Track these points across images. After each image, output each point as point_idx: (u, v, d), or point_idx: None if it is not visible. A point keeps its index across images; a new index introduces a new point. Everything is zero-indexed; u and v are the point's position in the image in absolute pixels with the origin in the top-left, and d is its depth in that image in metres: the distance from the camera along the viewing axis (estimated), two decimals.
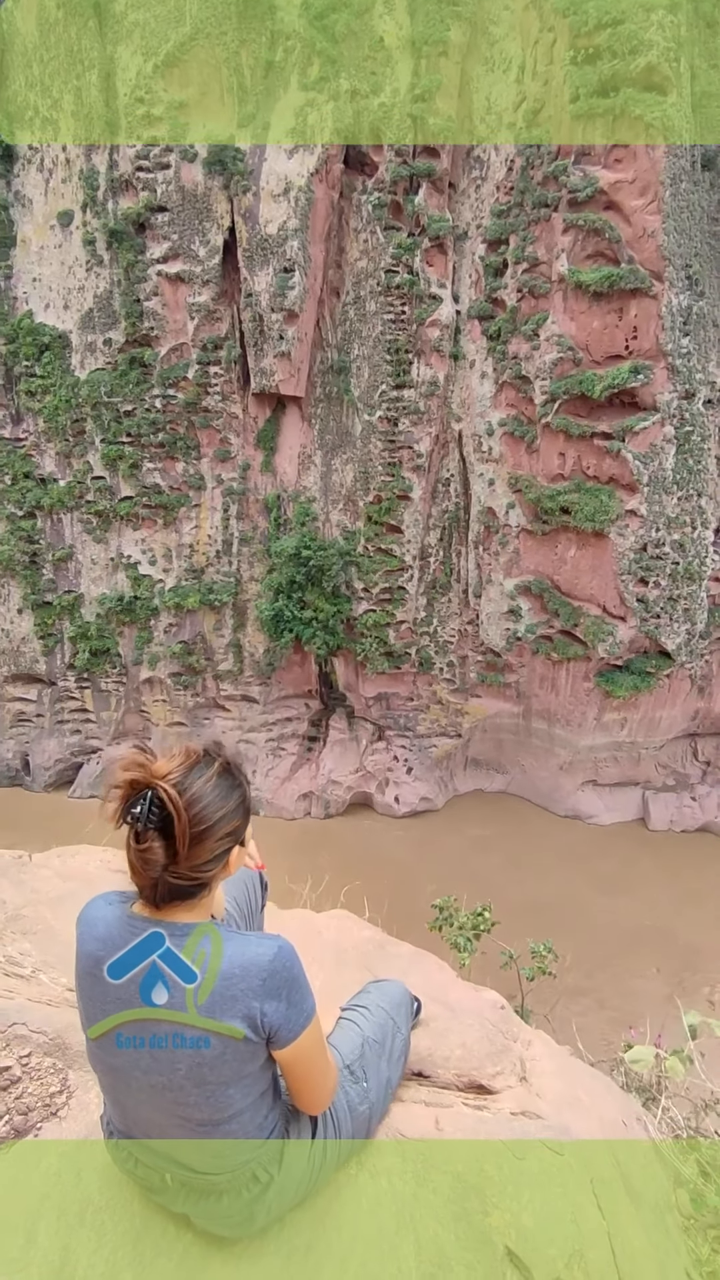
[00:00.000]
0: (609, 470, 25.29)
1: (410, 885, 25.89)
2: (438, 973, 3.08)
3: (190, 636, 30.77)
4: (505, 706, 30.66)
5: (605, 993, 21.65)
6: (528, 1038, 2.74)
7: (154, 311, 27.64)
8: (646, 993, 21.67)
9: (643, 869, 27.04)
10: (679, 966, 23.06)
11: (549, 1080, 2.46)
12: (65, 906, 2.94)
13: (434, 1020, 2.75)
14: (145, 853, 1.74)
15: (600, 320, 24.36)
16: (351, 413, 28.10)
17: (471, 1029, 2.66)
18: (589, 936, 23.86)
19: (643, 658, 27.06)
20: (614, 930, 24.41)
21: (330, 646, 29.36)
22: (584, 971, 22.27)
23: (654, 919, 24.91)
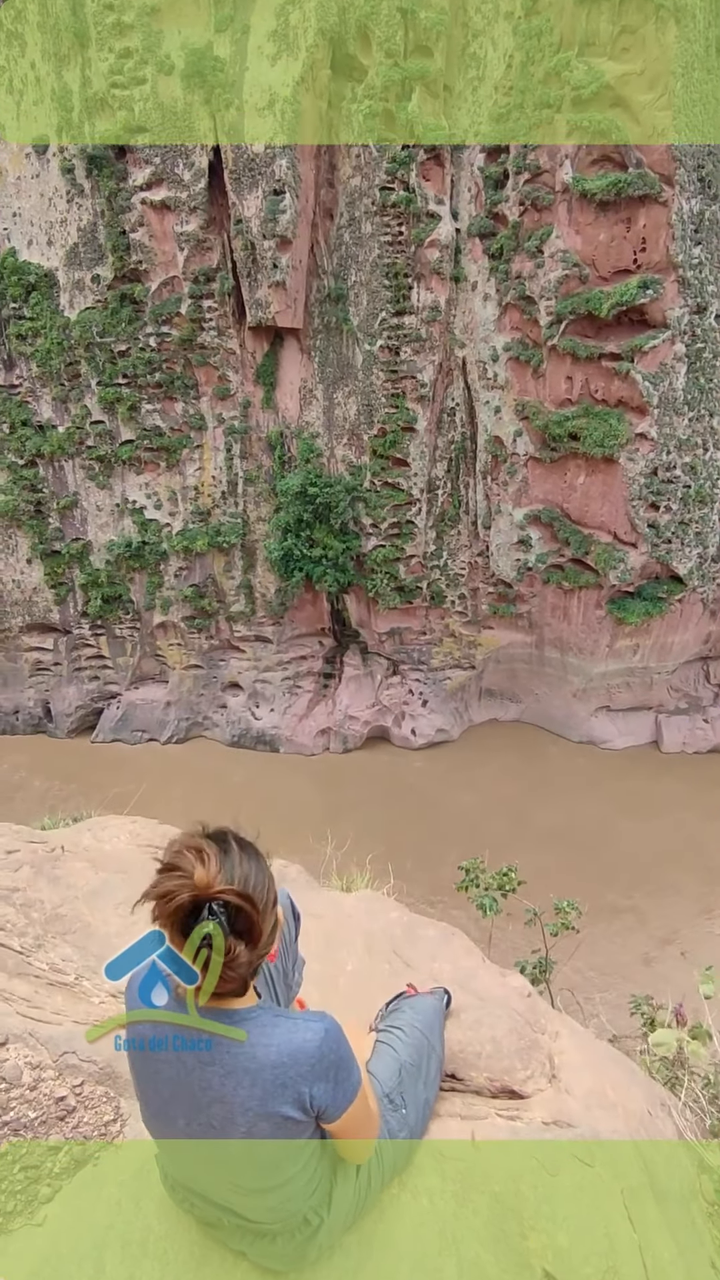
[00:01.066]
0: (618, 393, 24.57)
1: (431, 816, 26.89)
2: (465, 957, 3.14)
3: (201, 579, 30.87)
4: (518, 637, 30.81)
5: (644, 909, 22.66)
6: (555, 1028, 2.85)
7: (141, 244, 26.56)
8: (680, 907, 22.68)
9: (661, 790, 27.68)
10: (710, 879, 23.98)
11: (577, 1075, 2.60)
12: (101, 900, 3.13)
13: (464, 1011, 2.83)
14: (234, 961, 1.72)
15: (607, 232, 23.20)
16: (351, 343, 27.24)
17: (501, 1021, 2.75)
18: (616, 857, 24.77)
19: (654, 583, 26.94)
20: (643, 850, 25.20)
21: (341, 584, 29.38)
22: (620, 891, 23.25)
23: (679, 838, 25.67)
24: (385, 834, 25.18)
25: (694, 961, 19.90)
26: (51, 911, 2.98)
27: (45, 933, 2.96)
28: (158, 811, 20.03)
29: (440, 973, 3.00)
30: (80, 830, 4.20)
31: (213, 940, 1.70)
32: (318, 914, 3.29)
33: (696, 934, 21.50)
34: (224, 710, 32.57)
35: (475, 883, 4.98)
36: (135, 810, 19.50)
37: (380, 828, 25.66)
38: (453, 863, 22.99)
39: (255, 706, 32.22)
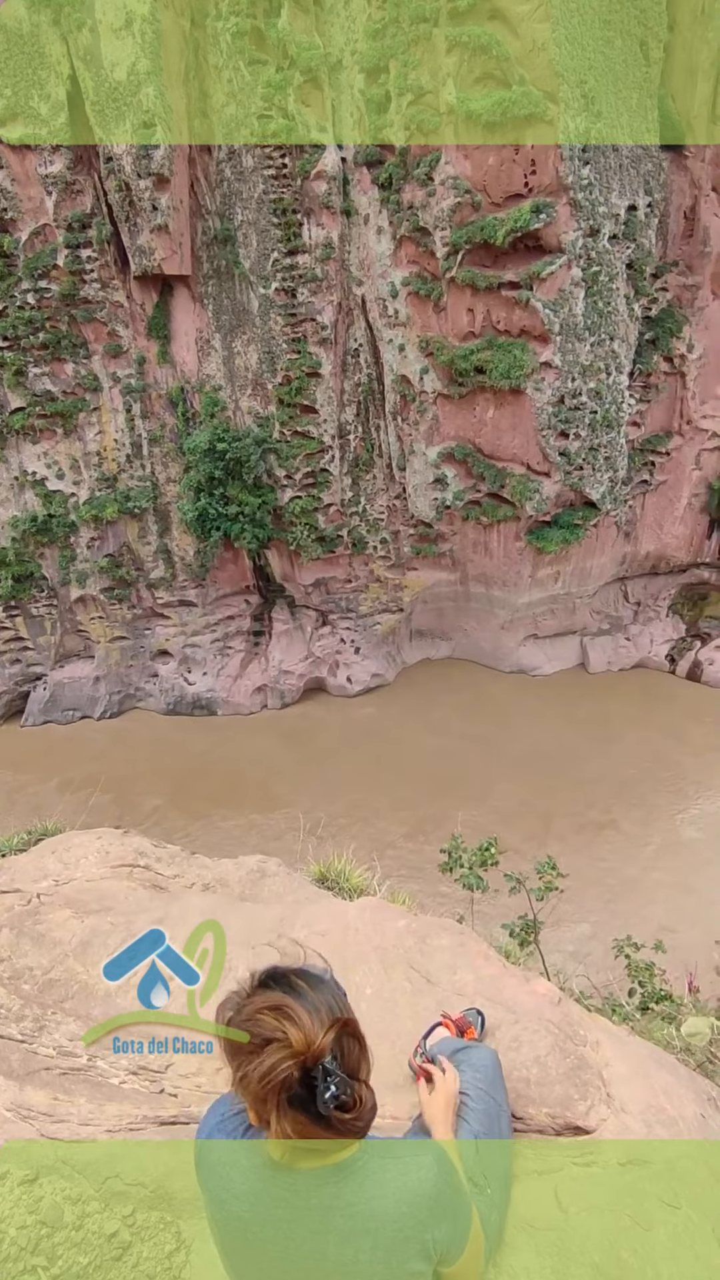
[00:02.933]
0: (520, 322, 24.51)
1: (392, 763, 27.42)
2: (485, 965, 3.03)
3: (115, 548, 29.73)
4: (442, 576, 31.15)
5: (623, 823, 23.92)
6: (594, 1036, 2.78)
7: (3, 188, 24.39)
8: (659, 811, 24.30)
9: (610, 710, 29.06)
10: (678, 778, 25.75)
11: (629, 1089, 2.54)
12: (93, 953, 2.95)
13: (499, 1029, 2.73)
14: (362, 1107, 1.56)
15: (496, 155, 22.71)
16: (245, 287, 26.08)
17: (540, 1037, 2.68)
18: (588, 778, 25.97)
19: (569, 511, 27.56)
20: (611, 769, 26.51)
21: (260, 539, 28.85)
22: (601, 808, 24.38)
23: (646, 753, 27.13)
24: (351, 790, 25.68)
25: (673, 881, 21.39)
26: (44, 979, 2.81)
27: (43, 1009, 2.76)
28: (125, 790, 19.77)
29: (464, 985, 2.91)
30: (43, 854, 4.03)
31: (340, 1102, 1.50)
32: (321, 931, 3.15)
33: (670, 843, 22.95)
34: (156, 679, 31.94)
35: (459, 863, 5.08)
36: (104, 792, 19.17)
37: (344, 784, 26.09)
38: (424, 811, 23.51)
39: (188, 672, 31.73)
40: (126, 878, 3.63)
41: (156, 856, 4.20)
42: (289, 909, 3.23)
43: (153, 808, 25.84)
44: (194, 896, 3.32)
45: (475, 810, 24.14)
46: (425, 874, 5.32)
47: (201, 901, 3.18)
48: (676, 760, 26.53)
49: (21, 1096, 2.30)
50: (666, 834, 23.56)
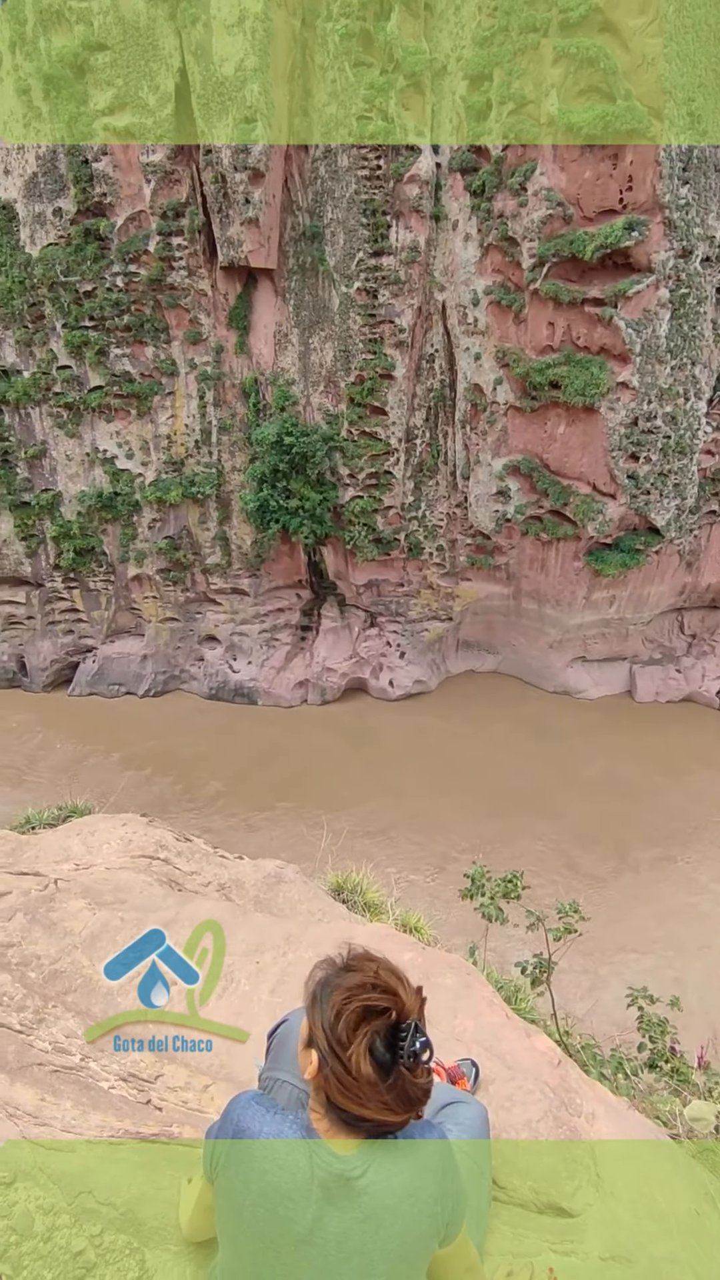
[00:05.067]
0: (600, 340, 24.08)
1: (401, 767, 27.32)
2: (488, 1012, 2.95)
3: (175, 531, 30.30)
4: (495, 588, 30.84)
5: (680, 866, 23.09)
6: (591, 1109, 2.68)
7: (105, 174, 25.08)
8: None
9: (652, 738, 28.30)
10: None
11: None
12: (101, 946, 2.99)
13: (493, 1084, 2.66)
14: (425, 1083, 1.63)
15: (593, 169, 22.32)
16: (328, 285, 26.25)
17: (535, 1100, 2.60)
18: (650, 810, 25.12)
19: (632, 535, 26.98)
20: (675, 800, 25.67)
21: (318, 535, 29.04)
22: (664, 845, 23.60)
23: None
24: (414, 798, 25.56)
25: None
26: (49, 969, 2.85)
27: (45, 1001, 2.78)
28: (186, 772, 19.98)
29: (463, 1031, 2.84)
30: (69, 834, 4.13)
31: (419, 1059, 1.59)
32: (325, 949, 2.97)
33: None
34: (201, 663, 32.44)
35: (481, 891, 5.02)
36: (154, 771, 19.52)
37: (409, 790, 26.03)
38: (490, 828, 22.91)
39: (233, 659, 32.14)
40: (145, 870, 3.70)
41: (177, 850, 4.26)
42: (298, 926, 3.22)
43: (215, 792, 26.27)
44: (206, 901, 3.35)
45: (545, 830, 23.89)
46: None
47: (213, 908, 3.20)
48: (701, 800, 25.65)
49: (10, 1092, 2.30)
50: (675, 882, 22.69)
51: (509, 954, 4.96)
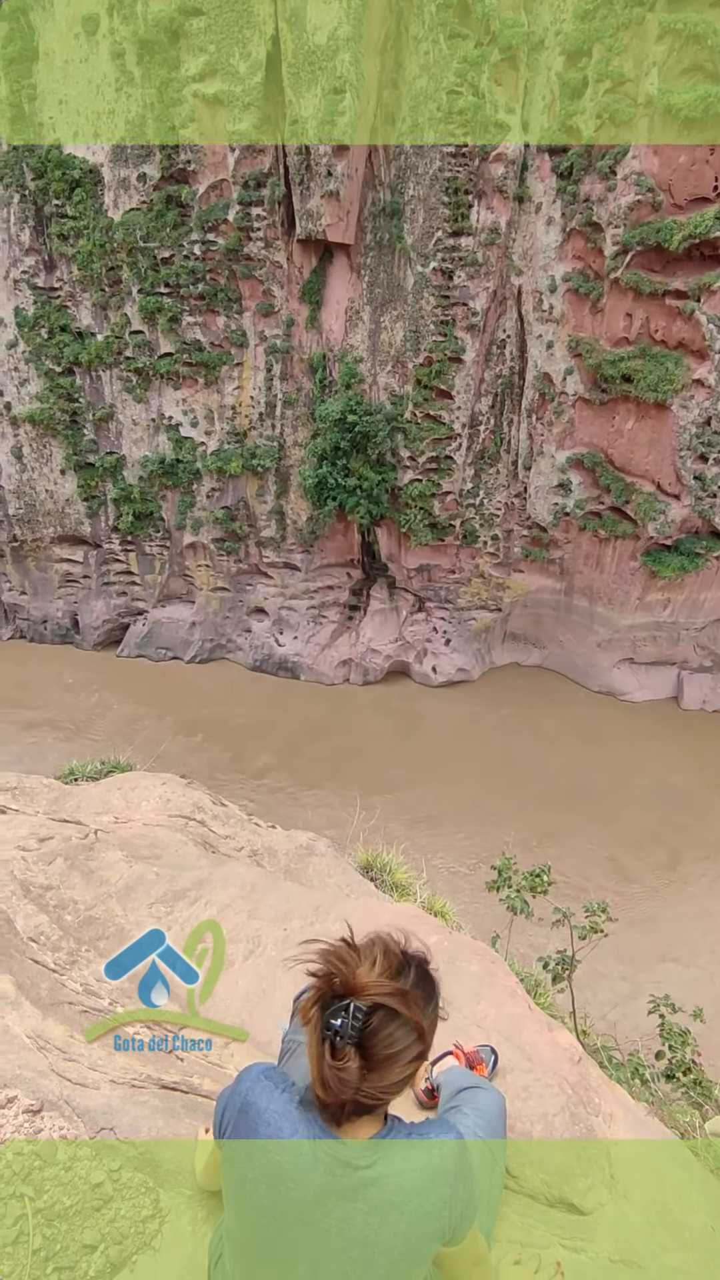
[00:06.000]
0: (679, 334, 23.29)
1: (450, 756, 27.24)
2: (510, 1002, 2.94)
3: (233, 502, 30.58)
4: (547, 583, 30.38)
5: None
6: (610, 1110, 2.66)
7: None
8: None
9: (685, 747, 27.67)
10: None
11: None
12: (135, 898, 3.08)
13: (511, 1073, 2.65)
14: (341, 1071, 1.56)
15: (688, 154, 21.46)
16: (403, 263, 25.90)
17: (552, 1094, 2.58)
18: (704, 820, 24.77)
19: (693, 538, 26.22)
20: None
21: (374, 516, 28.97)
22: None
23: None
24: (467, 787, 25.50)
25: None
26: (85, 914, 2.93)
27: (79, 944, 2.86)
28: (235, 742, 20.28)
29: (484, 1018, 2.84)
30: (110, 789, 4.25)
31: (335, 1035, 1.55)
32: (354, 922, 3.01)
33: None
34: (248, 634, 32.83)
35: (507, 883, 5.00)
36: (205, 738, 19.87)
37: (461, 779, 26.01)
38: (545, 822, 22.54)
39: (279, 633, 32.43)
40: (181, 829, 3.79)
41: (213, 814, 4.35)
42: (328, 898, 3.26)
43: (265, 765, 26.70)
44: (239, 865, 3.42)
45: (596, 832, 23.71)
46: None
47: (245, 872, 3.28)
48: None
49: (43, 1026, 2.37)
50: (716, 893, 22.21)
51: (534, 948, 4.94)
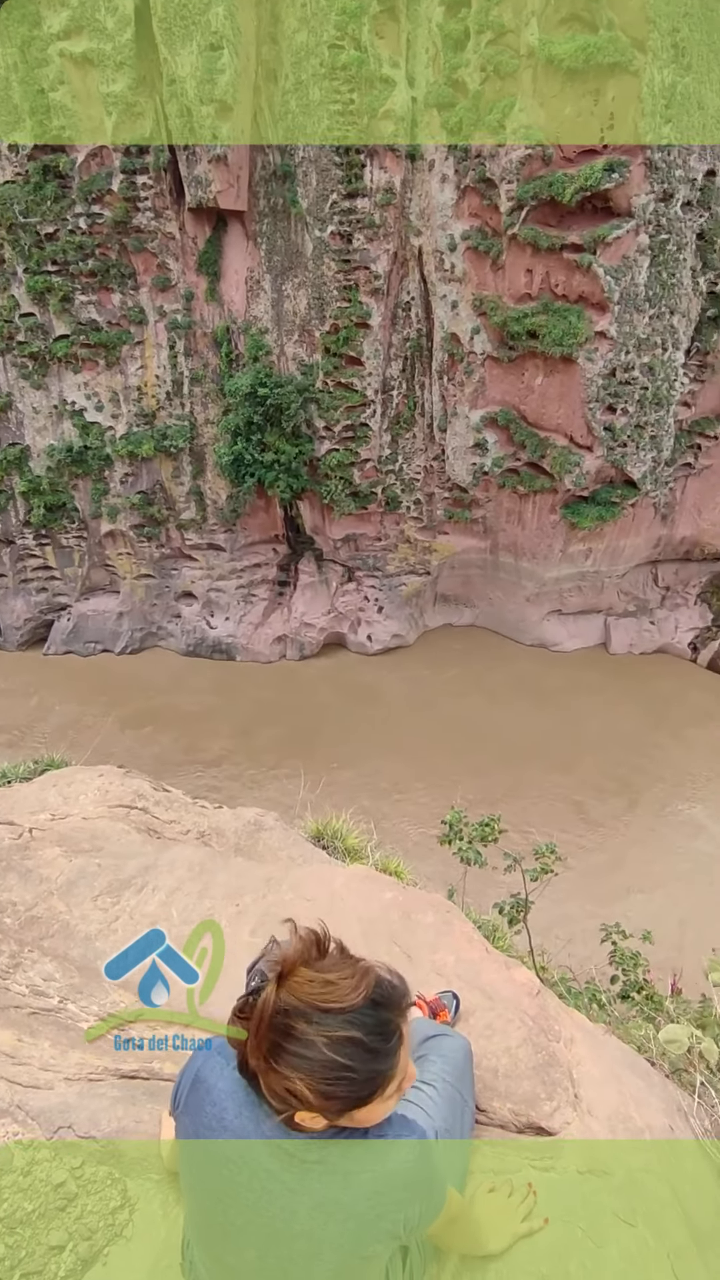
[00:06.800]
0: (579, 288, 23.64)
1: (403, 723, 27.51)
2: (467, 947, 3.01)
3: (149, 486, 29.70)
4: (473, 542, 30.78)
5: (659, 812, 24.03)
6: (570, 1034, 2.76)
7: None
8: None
9: (624, 693, 28.79)
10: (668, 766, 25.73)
11: (599, 1092, 2.52)
12: (78, 893, 2.99)
13: (474, 1014, 2.71)
14: (232, 1038, 1.56)
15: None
16: (300, 228, 25.36)
17: (514, 1028, 2.66)
18: (635, 764, 25.87)
19: (608, 488, 26.94)
20: (662, 753, 26.48)
21: (294, 489, 28.63)
22: (645, 793, 24.49)
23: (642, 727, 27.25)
24: (424, 754, 25.76)
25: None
26: (25, 915, 2.83)
27: (21, 946, 2.79)
28: (172, 729, 19.79)
29: (443, 965, 2.90)
30: (45, 786, 4.10)
31: (247, 993, 1.50)
32: (308, 896, 3.14)
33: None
34: (178, 620, 32.19)
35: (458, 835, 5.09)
36: (154, 730, 19.43)
37: (415, 748, 26.24)
38: (500, 780, 22.97)
39: (210, 615, 31.92)
40: (123, 819, 3.69)
41: (155, 800, 4.26)
42: (279, 869, 3.25)
43: (220, 751, 26.25)
44: (185, 847, 3.36)
45: (556, 781, 24.48)
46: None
47: (192, 853, 3.23)
48: (686, 747, 26.28)
49: None
50: (678, 825, 23.42)
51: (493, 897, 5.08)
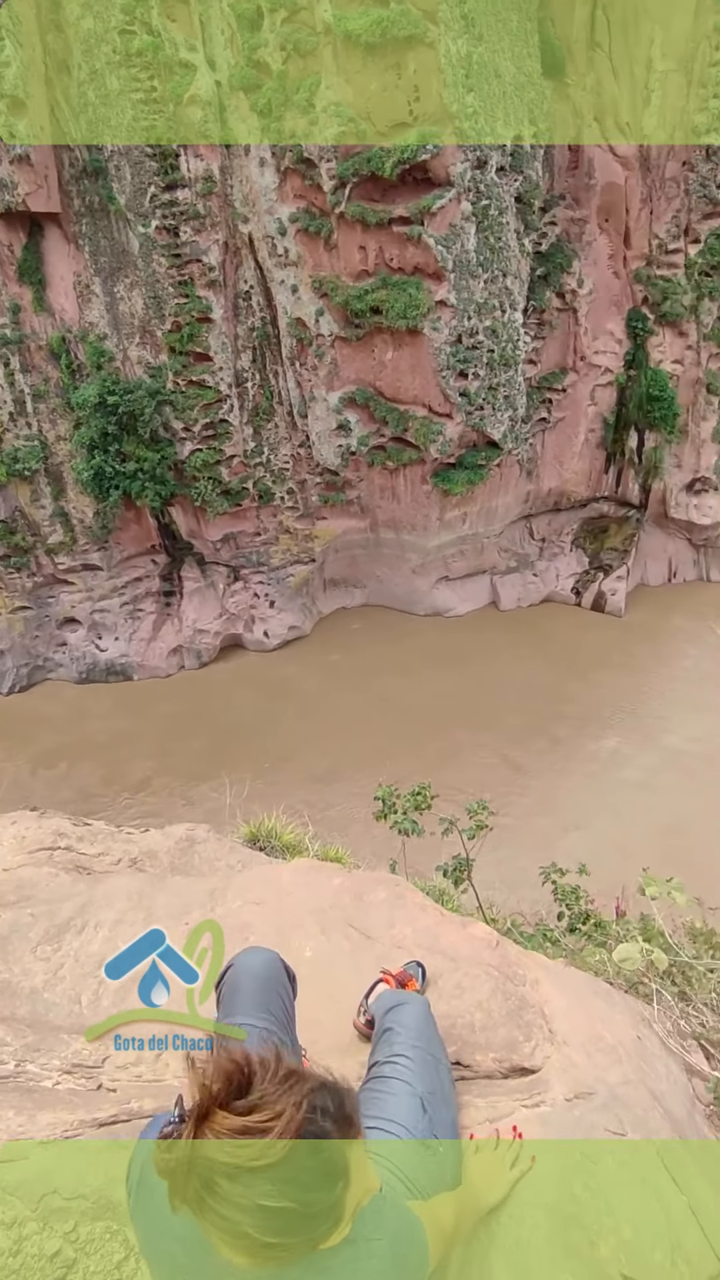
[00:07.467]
0: (413, 259, 24.06)
1: (322, 712, 27.41)
2: (422, 915, 3.04)
3: (7, 514, 27.98)
4: (352, 523, 30.97)
5: (559, 753, 25.07)
6: (534, 975, 2.82)
7: None
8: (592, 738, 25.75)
9: (528, 645, 29.93)
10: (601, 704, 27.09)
11: (569, 1021, 2.61)
12: (14, 947, 2.82)
13: (441, 978, 2.75)
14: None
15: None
16: (123, 226, 24.41)
17: (481, 982, 2.71)
18: (533, 712, 26.82)
19: (473, 452, 27.75)
20: (547, 699, 27.63)
21: (163, 496, 27.80)
22: (548, 739, 25.52)
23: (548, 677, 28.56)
24: (355, 739, 25.60)
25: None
26: None
27: None
28: (87, 760, 18.73)
29: (403, 938, 2.93)
30: None
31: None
32: (256, 899, 3.09)
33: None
34: (65, 648, 30.68)
35: (392, 809, 5.12)
36: (70, 765, 18.33)
37: (340, 734, 26.05)
38: (401, 758, 23.03)
39: (98, 638, 30.63)
40: (47, 863, 3.48)
41: (78, 835, 4.05)
42: (221, 879, 3.16)
43: (144, 774, 25.24)
44: (120, 877, 3.21)
45: (483, 741, 25.16)
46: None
47: (128, 882, 3.08)
48: (592, 687, 27.79)
49: None
50: (602, 760, 24.73)
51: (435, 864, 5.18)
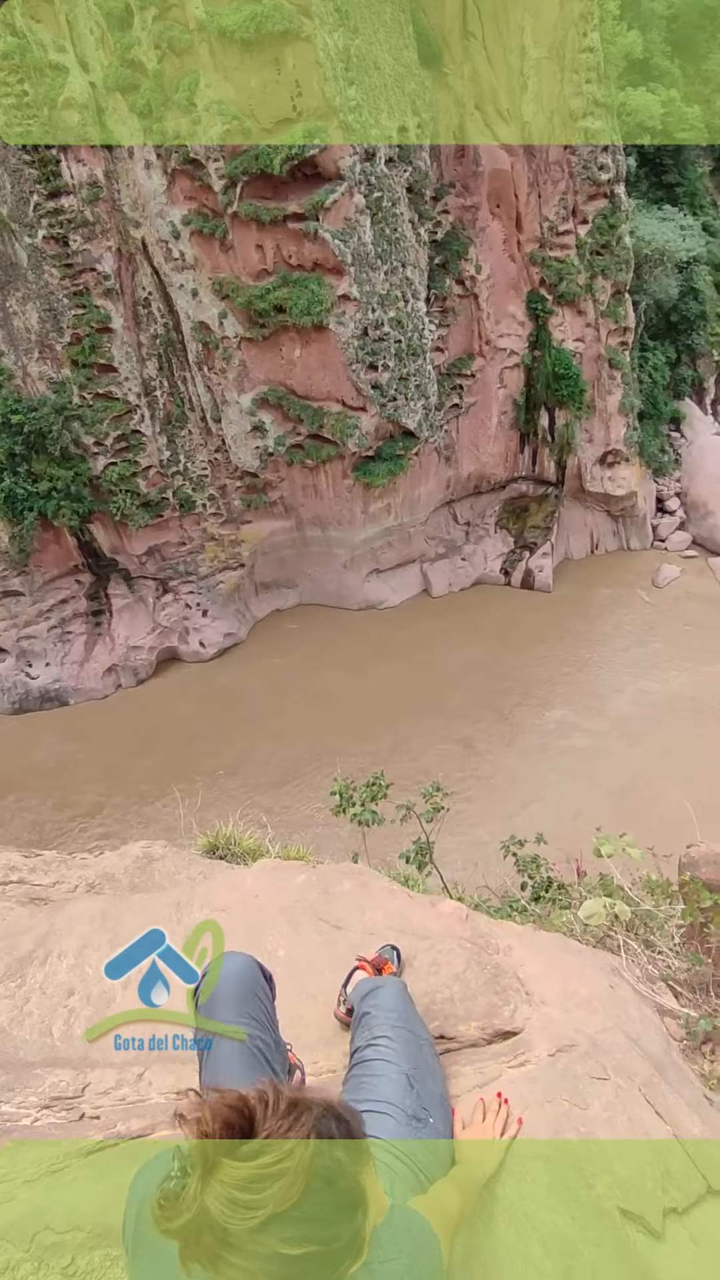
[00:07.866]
0: (311, 255, 24.01)
1: (270, 717, 27.14)
2: (390, 899, 3.07)
3: None
4: (277, 524, 30.77)
5: (503, 729, 25.51)
6: (506, 942, 2.87)
7: None
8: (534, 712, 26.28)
9: (465, 630, 30.42)
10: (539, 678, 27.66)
11: (545, 983, 2.68)
12: None
13: (416, 957, 2.77)
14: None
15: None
16: (8, 238, 23.51)
17: (456, 956, 2.75)
18: (471, 693, 27.27)
19: (390, 443, 27.95)
20: (481, 679, 28.11)
21: (81, 514, 27.01)
22: (491, 716, 25.87)
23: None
24: (271, 747, 25.50)
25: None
26: None
27: None
28: (36, 792, 18.01)
29: (374, 924, 2.94)
30: None
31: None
32: (223, 906, 3.05)
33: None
34: None
35: (350, 802, 5.11)
36: (18, 798, 17.67)
37: (264, 743, 25.87)
38: (355, 753, 23.07)
39: (28, 666, 29.55)
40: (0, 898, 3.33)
41: (30, 867, 3.90)
42: (184, 891, 3.10)
43: (96, 799, 24.48)
44: (79, 902, 3.09)
45: (433, 725, 25.47)
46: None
47: (88, 906, 2.97)
48: (533, 662, 28.46)
49: None
50: (550, 731, 25.34)
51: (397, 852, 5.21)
